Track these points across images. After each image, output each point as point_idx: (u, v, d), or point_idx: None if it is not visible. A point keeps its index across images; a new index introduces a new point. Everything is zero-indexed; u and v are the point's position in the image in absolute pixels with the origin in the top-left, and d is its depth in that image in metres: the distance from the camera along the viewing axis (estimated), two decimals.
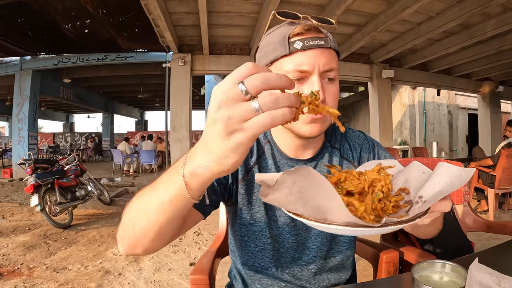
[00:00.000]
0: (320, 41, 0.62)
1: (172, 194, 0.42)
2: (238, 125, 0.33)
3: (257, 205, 0.72)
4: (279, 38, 0.63)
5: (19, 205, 4.80)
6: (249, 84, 0.32)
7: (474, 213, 1.43)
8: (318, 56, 0.61)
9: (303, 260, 0.75)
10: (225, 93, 0.33)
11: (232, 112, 0.32)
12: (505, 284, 0.44)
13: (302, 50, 0.61)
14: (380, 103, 6.97)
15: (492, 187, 3.68)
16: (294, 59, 0.62)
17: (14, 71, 8.39)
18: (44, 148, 13.61)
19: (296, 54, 0.61)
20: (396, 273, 0.93)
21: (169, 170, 0.43)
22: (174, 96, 6.20)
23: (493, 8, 4.28)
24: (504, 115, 10.09)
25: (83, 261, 2.68)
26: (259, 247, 0.74)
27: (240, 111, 0.32)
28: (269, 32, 0.67)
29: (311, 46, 0.61)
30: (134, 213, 0.48)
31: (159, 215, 0.45)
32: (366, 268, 2.22)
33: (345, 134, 0.81)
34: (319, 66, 0.61)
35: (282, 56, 0.63)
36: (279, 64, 0.64)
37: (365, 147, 0.80)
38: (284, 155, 0.74)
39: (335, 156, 0.77)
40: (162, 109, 17.02)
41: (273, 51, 0.64)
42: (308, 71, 0.61)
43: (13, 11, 5.32)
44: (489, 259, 0.53)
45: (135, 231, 0.49)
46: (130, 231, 0.49)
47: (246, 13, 4.79)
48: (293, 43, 0.61)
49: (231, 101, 0.33)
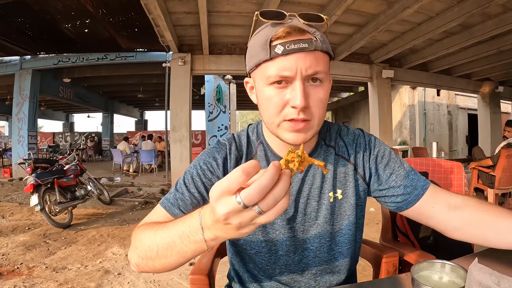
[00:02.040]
0: (302, 44, 0.58)
1: (193, 249, 0.49)
2: (247, 225, 0.40)
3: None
4: (262, 42, 0.61)
5: (18, 205, 4.81)
6: (248, 201, 0.37)
7: None
8: (301, 60, 0.58)
9: (303, 262, 0.74)
10: (226, 206, 0.38)
11: (241, 219, 0.39)
12: (504, 284, 0.44)
13: (283, 55, 0.58)
14: (380, 103, 6.97)
15: (491, 187, 3.68)
16: (276, 64, 0.59)
17: (14, 71, 8.38)
18: (44, 148, 13.59)
19: (278, 59, 0.59)
20: (396, 273, 0.93)
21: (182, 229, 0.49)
22: (174, 95, 6.20)
23: (493, 8, 4.28)
24: (504, 115, 10.10)
25: (83, 261, 2.68)
26: (255, 249, 0.74)
27: (247, 217, 0.39)
28: (256, 33, 0.65)
29: (292, 50, 0.58)
30: (153, 253, 0.54)
31: (181, 260, 0.53)
32: (366, 268, 2.22)
33: (340, 132, 0.79)
34: (301, 70, 0.58)
35: (265, 61, 0.61)
36: (262, 68, 0.62)
37: (360, 143, 0.77)
38: (278, 156, 0.73)
39: (330, 154, 0.75)
40: (162, 108, 17.01)
41: (256, 54, 0.62)
42: (290, 76, 0.59)
43: (13, 10, 5.32)
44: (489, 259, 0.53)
45: (155, 266, 0.56)
46: (149, 265, 0.57)
47: (246, 13, 4.79)
48: (274, 47, 0.59)
49: (233, 212, 0.38)
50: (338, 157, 0.76)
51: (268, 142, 0.74)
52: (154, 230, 0.56)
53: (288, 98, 0.60)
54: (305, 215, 0.73)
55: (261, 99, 0.65)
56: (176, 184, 0.71)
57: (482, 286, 0.45)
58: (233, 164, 0.72)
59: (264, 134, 0.76)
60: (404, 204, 0.73)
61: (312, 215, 0.73)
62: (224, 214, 0.38)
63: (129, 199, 5.29)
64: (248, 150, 0.75)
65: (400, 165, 0.75)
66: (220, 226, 0.41)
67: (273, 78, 0.60)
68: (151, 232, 0.56)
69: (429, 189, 0.72)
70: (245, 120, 36.29)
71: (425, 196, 0.71)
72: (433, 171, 1.52)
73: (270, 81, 0.61)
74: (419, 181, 0.73)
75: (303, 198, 0.73)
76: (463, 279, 0.51)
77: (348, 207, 0.74)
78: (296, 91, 0.59)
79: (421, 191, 0.71)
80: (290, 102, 0.60)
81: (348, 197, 0.74)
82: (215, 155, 0.73)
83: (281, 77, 0.60)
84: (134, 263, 0.59)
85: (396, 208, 0.75)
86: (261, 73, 0.63)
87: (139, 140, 12.33)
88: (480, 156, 4.18)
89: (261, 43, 0.61)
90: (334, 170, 0.74)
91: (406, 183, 0.72)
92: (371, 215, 3.98)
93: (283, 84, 0.61)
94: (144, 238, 0.57)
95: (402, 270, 1.04)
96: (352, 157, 0.76)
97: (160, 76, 7.77)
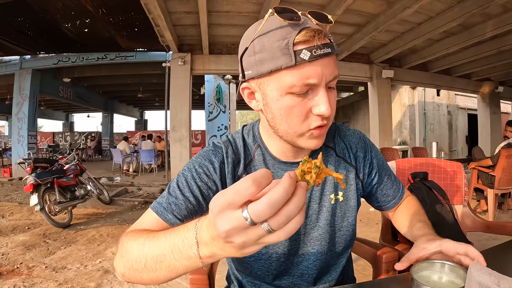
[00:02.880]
0: (327, 48, 0.54)
1: (186, 265, 0.44)
2: (252, 245, 0.35)
3: None
4: (280, 44, 0.54)
5: (18, 204, 4.80)
6: (256, 217, 0.32)
7: (473, 214, 1.43)
8: (326, 66, 0.55)
9: (302, 265, 0.73)
10: (229, 222, 0.33)
11: (245, 237, 0.33)
12: (504, 284, 0.44)
13: (309, 62, 0.53)
14: (380, 103, 6.97)
15: (491, 188, 3.68)
16: (300, 72, 0.54)
17: (14, 70, 8.38)
18: (43, 148, 13.58)
19: (303, 65, 0.53)
20: (396, 273, 0.93)
21: (175, 241, 0.44)
22: (174, 95, 6.20)
23: (493, 8, 4.28)
24: (504, 116, 10.10)
25: (83, 261, 2.68)
26: (254, 257, 0.71)
27: (253, 235, 0.33)
28: (263, 33, 0.56)
29: (319, 56, 0.53)
30: (141, 265, 0.49)
31: (171, 275, 0.48)
32: (366, 268, 2.22)
33: (339, 132, 0.77)
34: (326, 77, 0.55)
35: (287, 68, 0.54)
36: (281, 76, 0.55)
37: (361, 147, 0.77)
38: (277, 159, 0.70)
39: (330, 156, 0.73)
40: (162, 108, 17.00)
41: (273, 59, 0.55)
42: (315, 84, 0.55)
43: (13, 10, 5.32)
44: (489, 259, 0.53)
45: (142, 278, 0.51)
46: (136, 277, 0.51)
47: (246, 12, 4.79)
48: (300, 53, 0.53)
49: (237, 230, 0.33)
50: (339, 159, 0.74)
51: (267, 145, 0.71)
52: (143, 239, 0.50)
53: (311, 106, 0.57)
54: (306, 217, 0.71)
55: (277, 108, 0.59)
56: (169, 188, 0.67)
57: (482, 287, 0.45)
58: (230, 168, 0.68)
59: (262, 138, 0.72)
60: (381, 208, 0.86)
61: (313, 217, 0.72)
62: (226, 230, 0.33)
63: (129, 199, 5.29)
64: (246, 153, 0.71)
65: (388, 176, 0.82)
66: (220, 243, 0.36)
67: (298, 87, 0.55)
68: (140, 241, 0.51)
69: (402, 199, 0.86)
70: (245, 120, 36.28)
71: (398, 204, 0.85)
72: (433, 171, 1.51)
73: (292, 90, 0.55)
74: (398, 191, 0.84)
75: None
76: (463, 279, 0.51)
77: (348, 209, 0.74)
78: (322, 98, 0.56)
79: (398, 200, 0.84)
80: (314, 110, 0.57)
81: (349, 199, 0.74)
82: (211, 158, 0.69)
83: (306, 85, 0.55)
84: (120, 273, 0.54)
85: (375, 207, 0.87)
86: (279, 80, 0.56)
87: (139, 140, 12.32)
88: (480, 156, 4.18)
89: (279, 46, 0.54)
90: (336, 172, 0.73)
91: (390, 193, 0.82)
92: (371, 215, 3.98)
93: (304, 91, 0.56)
94: (131, 248, 0.52)
95: (402, 270, 1.04)
96: (354, 161, 0.76)
97: (160, 76, 7.76)
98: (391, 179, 0.82)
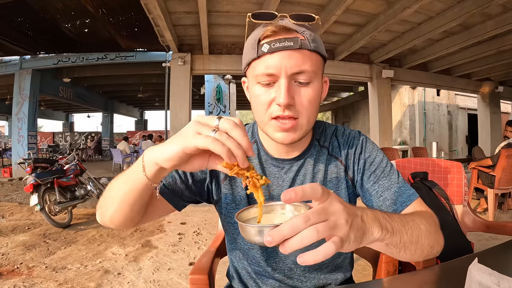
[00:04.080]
0: (288, 42, 0.60)
1: (132, 183, 0.54)
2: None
3: (241, 204, 0.73)
4: (252, 41, 0.63)
5: (18, 205, 4.80)
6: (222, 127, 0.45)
7: (473, 213, 1.43)
8: (285, 58, 0.60)
9: (292, 258, 0.74)
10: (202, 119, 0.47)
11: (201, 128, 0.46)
12: (504, 284, 0.44)
13: (269, 53, 0.60)
14: (380, 103, 6.97)
15: (491, 187, 3.68)
16: (262, 62, 0.61)
17: (13, 71, 8.39)
18: (43, 148, 13.60)
19: (264, 57, 0.61)
20: (396, 273, 0.93)
21: (127, 172, 0.56)
22: (174, 95, 6.20)
23: (493, 8, 4.28)
24: (504, 115, 10.11)
25: (83, 261, 2.68)
26: (247, 245, 0.75)
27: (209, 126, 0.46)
28: (250, 35, 0.67)
29: (277, 49, 0.60)
30: (107, 199, 0.61)
31: (124, 200, 0.58)
32: (366, 268, 2.22)
33: (336, 132, 0.78)
34: (286, 68, 0.60)
35: (253, 60, 0.63)
36: (252, 67, 0.65)
37: (353, 144, 0.75)
38: (270, 155, 0.74)
39: (323, 154, 0.75)
40: (162, 108, 17.01)
41: (247, 54, 0.65)
42: (275, 74, 0.60)
43: (13, 10, 5.32)
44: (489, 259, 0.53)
45: (108, 211, 0.61)
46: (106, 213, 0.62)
47: (246, 12, 4.64)
48: (261, 46, 0.61)
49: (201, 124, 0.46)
50: (331, 157, 0.75)
51: (262, 141, 0.76)
52: (113, 180, 0.61)
53: (274, 96, 0.62)
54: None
55: (251, 97, 0.68)
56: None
57: (482, 286, 0.45)
58: None
59: (259, 134, 0.77)
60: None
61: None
62: (191, 124, 0.46)
63: None
64: None
65: (386, 176, 0.71)
66: (177, 136, 0.47)
67: (260, 76, 0.62)
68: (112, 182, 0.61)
69: (408, 207, 0.68)
70: (245, 120, 36.26)
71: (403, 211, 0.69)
72: (433, 171, 1.52)
73: (258, 80, 0.63)
74: (400, 196, 0.69)
75: None
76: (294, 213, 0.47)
77: None
78: (280, 89, 0.60)
79: (401, 207, 0.68)
80: (275, 100, 0.61)
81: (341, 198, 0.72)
82: None
83: (266, 75, 0.61)
84: (98, 209, 0.64)
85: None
86: (251, 72, 0.65)
87: (140, 140, 12.32)
88: (480, 156, 4.18)
89: (251, 42, 0.64)
90: (325, 170, 0.74)
91: (386, 196, 0.69)
92: None
93: (270, 82, 0.62)
94: (108, 186, 0.62)
95: (402, 270, 1.04)
96: (344, 158, 0.75)
97: (160, 76, 7.77)
98: (391, 181, 0.71)
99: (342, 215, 0.40)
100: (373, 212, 0.49)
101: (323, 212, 0.39)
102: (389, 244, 0.52)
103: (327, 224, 0.38)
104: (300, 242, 0.37)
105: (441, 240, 0.63)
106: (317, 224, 0.38)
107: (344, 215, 0.40)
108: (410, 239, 0.54)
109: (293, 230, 0.37)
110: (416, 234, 0.56)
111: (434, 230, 0.61)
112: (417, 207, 0.68)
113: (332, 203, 0.40)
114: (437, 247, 0.62)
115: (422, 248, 0.57)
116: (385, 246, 0.53)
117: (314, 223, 0.37)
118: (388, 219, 0.51)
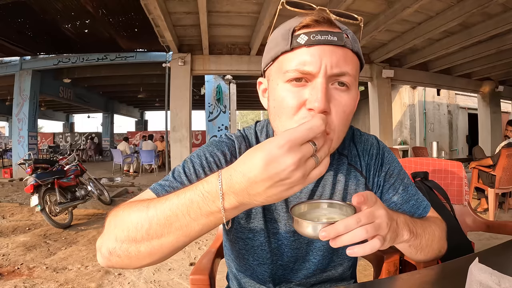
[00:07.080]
0: (331, 36, 0.50)
1: (203, 223, 0.43)
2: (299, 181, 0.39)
3: (256, 218, 0.66)
4: (283, 31, 0.53)
5: (19, 205, 4.81)
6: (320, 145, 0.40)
7: (474, 213, 1.43)
8: (327, 54, 0.49)
9: (301, 274, 0.71)
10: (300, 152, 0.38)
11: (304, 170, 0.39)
12: (505, 284, 0.44)
13: (306, 46, 0.49)
14: (380, 103, 6.97)
15: (492, 187, 3.67)
16: (297, 57, 0.50)
17: (14, 71, 8.39)
18: (44, 148, 13.62)
19: (299, 50, 0.50)
20: (397, 273, 0.93)
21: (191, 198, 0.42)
22: (174, 96, 6.20)
23: (493, 8, 4.27)
24: (504, 115, 10.10)
25: (83, 261, 2.68)
26: (258, 261, 0.69)
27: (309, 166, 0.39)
28: (278, 26, 0.56)
29: (318, 42, 0.49)
30: (141, 232, 0.45)
31: (180, 240, 0.45)
32: (366, 268, 2.22)
33: (353, 138, 0.72)
34: (326, 66, 0.49)
35: (283, 53, 0.52)
36: (280, 62, 0.53)
37: (373, 154, 0.70)
38: None
39: (343, 164, 0.68)
40: (162, 109, 17.00)
41: (275, 46, 0.54)
42: (311, 72, 0.50)
43: (13, 11, 5.32)
44: (489, 259, 0.53)
45: (139, 251, 0.46)
46: (131, 251, 0.46)
47: (246, 12, 4.79)
48: (297, 37, 0.50)
49: (304, 159, 0.38)
50: (350, 167, 0.69)
51: None
52: (145, 203, 0.46)
53: (306, 98, 0.51)
54: None
55: (272, 99, 0.56)
56: (173, 172, 0.62)
57: (483, 286, 0.45)
58: None
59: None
60: None
61: None
62: (294, 162, 0.36)
63: (130, 199, 5.29)
64: None
65: (405, 189, 0.70)
66: (259, 187, 0.38)
67: (292, 73, 0.51)
68: (141, 207, 0.46)
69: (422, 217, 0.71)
70: (245, 120, 36.22)
71: None
72: (433, 171, 1.51)
73: (287, 77, 0.52)
74: (418, 209, 0.70)
75: None
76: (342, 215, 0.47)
77: None
78: (317, 90, 0.49)
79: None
80: (308, 103, 0.50)
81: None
82: (224, 150, 0.65)
83: (301, 72, 0.50)
84: (106, 250, 0.47)
85: None
86: (278, 68, 0.54)
87: (140, 140, 12.33)
88: (480, 156, 4.18)
89: (282, 33, 0.53)
90: (345, 182, 0.68)
91: (405, 209, 0.69)
92: None
93: (302, 82, 0.51)
94: (129, 215, 0.46)
95: (402, 270, 1.04)
96: (364, 170, 0.70)
97: (160, 76, 7.76)
98: (409, 193, 0.70)
99: (385, 219, 0.46)
100: (404, 217, 0.56)
101: (371, 215, 0.45)
102: (411, 245, 0.59)
103: (373, 225, 0.44)
104: (351, 239, 0.42)
105: (446, 245, 0.70)
106: (366, 225, 0.43)
107: (386, 219, 0.46)
108: (426, 242, 0.61)
109: (346, 228, 0.42)
110: (431, 239, 0.63)
111: (443, 236, 0.69)
112: (430, 214, 0.73)
113: (378, 208, 0.46)
114: (443, 251, 0.69)
115: (432, 251, 0.65)
116: (408, 247, 0.60)
117: (364, 224, 0.43)
118: (414, 224, 0.58)
